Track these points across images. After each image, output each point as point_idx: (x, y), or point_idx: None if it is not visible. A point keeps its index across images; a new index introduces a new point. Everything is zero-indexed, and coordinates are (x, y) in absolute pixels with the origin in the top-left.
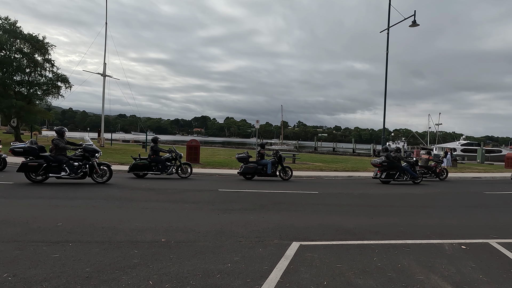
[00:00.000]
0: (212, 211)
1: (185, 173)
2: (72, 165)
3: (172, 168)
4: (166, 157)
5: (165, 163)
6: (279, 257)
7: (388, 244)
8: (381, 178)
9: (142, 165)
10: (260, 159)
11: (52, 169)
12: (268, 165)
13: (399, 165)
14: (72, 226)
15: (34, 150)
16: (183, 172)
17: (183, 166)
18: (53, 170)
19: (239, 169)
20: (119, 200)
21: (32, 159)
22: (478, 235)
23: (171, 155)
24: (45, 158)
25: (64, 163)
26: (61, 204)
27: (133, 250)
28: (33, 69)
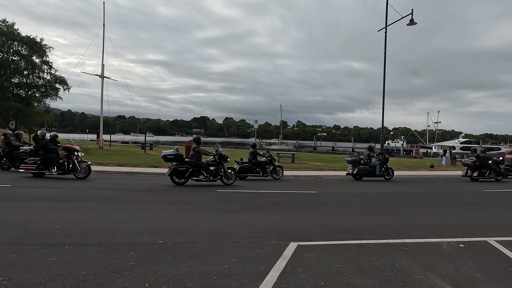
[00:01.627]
0: (210, 212)
1: (277, 175)
2: (210, 170)
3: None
4: (264, 160)
5: (265, 166)
6: (276, 258)
7: (386, 244)
8: (472, 176)
9: (246, 168)
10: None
11: (194, 173)
12: None
13: (489, 164)
14: (69, 228)
15: (181, 156)
16: (276, 174)
17: (276, 168)
18: (194, 174)
19: None
20: (117, 202)
21: (178, 164)
22: (476, 233)
23: (266, 159)
24: (189, 164)
25: (203, 168)
26: (59, 206)
27: (130, 252)
28: (31, 71)
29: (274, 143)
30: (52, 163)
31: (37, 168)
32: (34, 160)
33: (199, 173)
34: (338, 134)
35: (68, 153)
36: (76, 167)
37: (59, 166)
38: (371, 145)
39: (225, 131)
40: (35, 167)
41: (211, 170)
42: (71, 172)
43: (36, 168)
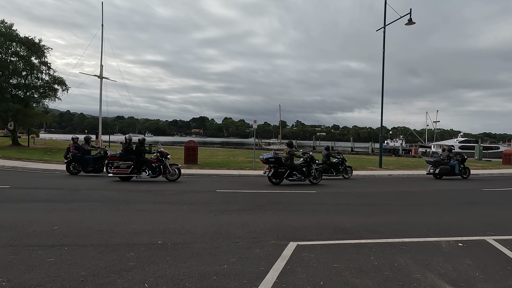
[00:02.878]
0: (209, 212)
1: (347, 174)
2: (303, 171)
3: None
4: (337, 162)
5: (338, 166)
6: (276, 258)
7: (385, 243)
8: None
9: (322, 169)
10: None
11: (290, 174)
12: None
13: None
14: (68, 229)
15: (281, 159)
16: (346, 173)
17: (347, 168)
18: (290, 175)
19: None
20: (116, 203)
21: (276, 166)
22: (475, 232)
23: (339, 160)
24: (287, 166)
25: (298, 169)
26: (58, 207)
27: (129, 253)
28: (29, 72)
29: (273, 143)
30: (145, 167)
31: (130, 172)
32: (127, 164)
33: (293, 174)
34: (337, 134)
35: (160, 157)
36: (168, 170)
37: (153, 169)
38: (451, 146)
39: (224, 131)
40: (128, 171)
41: (304, 171)
42: (162, 174)
43: (129, 171)
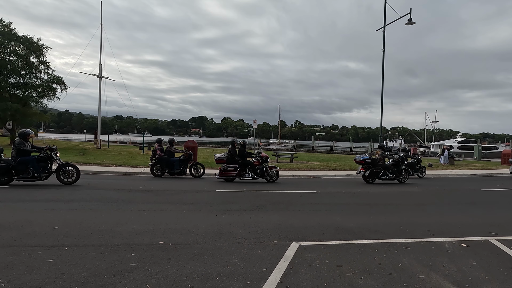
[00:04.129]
0: (210, 212)
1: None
2: (395, 171)
3: None
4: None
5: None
6: (278, 258)
7: (388, 243)
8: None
9: None
10: None
11: (383, 174)
12: None
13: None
14: (69, 229)
15: (376, 160)
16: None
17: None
18: (383, 175)
19: None
20: (116, 203)
21: (370, 166)
22: (477, 232)
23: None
24: (383, 166)
25: (389, 169)
26: (58, 207)
27: (131, 253)
28: (28, 71)
29: (272, 143)
30: (248, 169)
31: (237, 174)
32: (234, 167)
33: (385, 174)
34: (336, 134)
35: (261, 160)
36: (268, 172)
37: (255, 171)
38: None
39: (223, 131)
40: (235, 173)
41: (395, 170)
42: (262, 176)
43: (236, 174)
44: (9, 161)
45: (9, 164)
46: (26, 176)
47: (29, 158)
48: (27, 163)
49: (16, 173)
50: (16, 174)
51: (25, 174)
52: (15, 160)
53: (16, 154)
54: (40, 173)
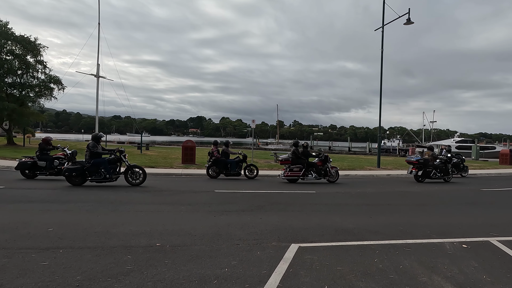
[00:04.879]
0: (208, 213)
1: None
2: (443, 169)
3: None
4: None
5: None
6: (277, 260)
7: (388, 244)
8: None
9: None
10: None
11: (433, 174)
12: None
13: None
14: (64, 231)
15: (428, 160)
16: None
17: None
18: (429, 174)
19: None
20: (113, 203)
21: (421, 166)
22: (478, 233)
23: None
24: (433, 166)
25: (437, 168)
26: (53, 208)
27: (127, 256)
28: (25, 70)
29: (271, 143)
30: (312, 169)
31: (302, 175)
32: (299, 167)
33: (435, 173)
34: (334, 134)
35: (324, 161)
36: (330, 173)
37: (318, 172)
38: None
39: (222, 131)
40: (300, 174)
41: (443, 169)
42: (325, 177)
43: (301, 174)
44: (83, 162)
45: (83, 165)
46: (99, 178)
47: (101, 160)
48: (100, 165)
49: (89, 174)
50: (89, 175)
51: (97, 175)
52: (89, 162)
53: (89, 156)
54: (111, 174)
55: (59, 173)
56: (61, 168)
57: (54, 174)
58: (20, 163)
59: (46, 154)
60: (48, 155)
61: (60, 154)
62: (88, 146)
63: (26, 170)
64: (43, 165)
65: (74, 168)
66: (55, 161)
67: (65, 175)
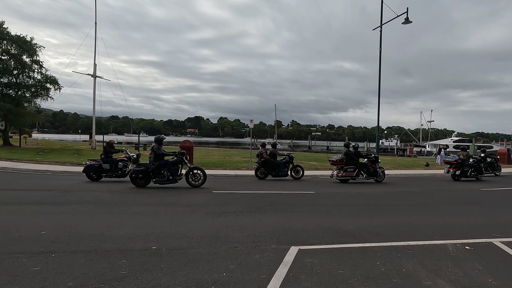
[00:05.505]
0: (206, 215)
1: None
2: (477, 168)
3: None
4: None
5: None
6: (277, 264)
7: (390, 247)
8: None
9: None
10: None
11: (470, 173)
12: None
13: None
14: (57, 234)
15: (464, 160)
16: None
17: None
18: (470, 173)
19: None
20: (109, 205)
21: (458, 166)
22: (480, 234)
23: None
24: (470, 166)
25: (472, 167)
26: (47, 210)
27: (121, 260)
28: (21, 70)
29: (268, 143)
30: (362, 170)
31: (355, 175)
32: (353, 168)
33: (468, 172)
34: (332, 134)
35: (373, 161)
36: (378, 173)
37: (369, 172)
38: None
39: (220, 131)
40: (353, 174)
41: (478, 168)
42: (375, 177)
43: (355, 175)
44: (147, 165)
45: (147, 167)
46: (162, 179)
47: (165, 162)
48: (164, 166)
49: (153, 176)
50: (153, 177)
51: (161, 177)
52: (153, 164)
53: (154, 158)
54: (175, 176)
55: (123, 175)
56: (125, 170)
57: (119, 176)
58: (87, 166)
59: (110, 156)
60: (112, 157)
61: (123, 157)
62: (153, 149)
63: (92, 172)
64: (108, 167)
65: (140, 170)
66: (119, 164)
67: (132, 177)
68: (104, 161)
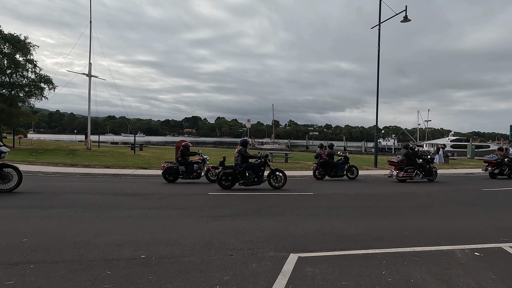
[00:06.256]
0: (200, 219)
1: None
2: None
3: None
4: None
5: None
6: (275, 274)
7: (395, 253)
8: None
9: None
10: None
11: None
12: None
13: None
14: (39, 241)
15: (503, 160)
16: None
17: None
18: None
19: None
20: (99, 208)
21: (495, 166)
22: (487, 238)
23: None
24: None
25: None
26: (33, 214)
27: (106, 272)
28: (14, 70)
29: (266, 143)
30: (420, 170)
31: (415, 175)
32: (413, 168)
33: (506, 171)
34: (329, 133)
35: (429, 161)
36: (431, 172)
37: (426, 171)
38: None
39: (217, 130)
40: (413, 174)
41: (510, 167)
42: (429, 176)
43: (413, 175)
44: (234, 167)
45: (235, 170)
46: (248, 181)
47: (253, 164)
48: (251, 169)
49: (240, 178)
50: (240, 179)
51: (246, 179)
52: (241, 166)
53: (241, 161)
54: (260, 178)
55: (198, 176)
56: (200, 172)
57: (194, 178)
58: (167, 168)
59: (186, 159)
60: (187, 160)
61: (198, 159)
62: (240, 152)
63: (167, 175)
64: (184, 169)
65: (229, 173)
66: (194, 166)
67: (222, 179)
68: (180, 163)
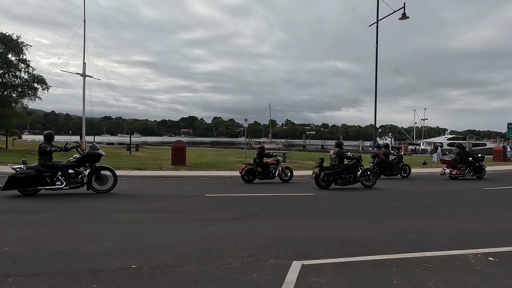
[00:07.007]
0: (197, 223)
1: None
2: None
3: None
4: None
5: None
6: (278, 286)
7: (405, 259)
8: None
9: None
10: None
11: None
12: None
13: None
14: (22, 251)
15: None
16: None
17: None
18: None
19: None
20: (90, 212)
21: None
22: (500, 241)
23: None
24: None
25: None
26: (18, 220)
27: (92, 285)
28: (6, 70)
29: (263, 142)
30: (472, 168)
31: (466, 173)
32: (465, 166)
33: None
34: (326, 133)
35: (478, 159)
36: (483, 170)
37: (476, 170)
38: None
39: (214, 130)
40: (465, 172)
41: None
42: (479, 173)
43: (466, 172)
44: (332, 168)
45: (334, 170)
46: (345, 181)
47: (350, 165)
48: (348, 169)
49: (338, 178)
50: (338, 179)
51: (343, 179)
52: (339, 167)
53: (339, 162)
54: (356, 178)
55: (273, 177)
56: (274, 173)
57: (270, 178)
58: (247, 169)
59: (262, 160)
60: (263, 161)
61: (272, 160)
62: (338, 153)
63: (246, 176)
64: (261, 170)
65: (330, 173)
66: (270, 167)
67: (324, 180)
68: (258, 164)
